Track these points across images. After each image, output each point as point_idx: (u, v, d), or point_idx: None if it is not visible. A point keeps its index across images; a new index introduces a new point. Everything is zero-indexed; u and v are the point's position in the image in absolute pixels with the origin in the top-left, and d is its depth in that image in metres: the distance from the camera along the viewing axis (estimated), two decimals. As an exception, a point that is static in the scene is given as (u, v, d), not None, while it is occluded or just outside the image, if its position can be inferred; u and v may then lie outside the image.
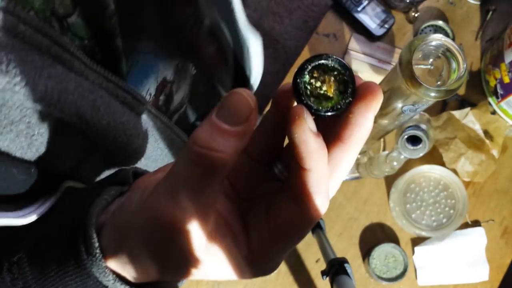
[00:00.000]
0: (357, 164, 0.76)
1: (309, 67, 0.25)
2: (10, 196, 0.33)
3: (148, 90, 0.46)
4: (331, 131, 0.25)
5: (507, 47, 0.76)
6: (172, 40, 0.48)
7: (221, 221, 0.26)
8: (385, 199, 0.83)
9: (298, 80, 0.25)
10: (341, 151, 0.25)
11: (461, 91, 0.86)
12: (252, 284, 0.79)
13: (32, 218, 0.34)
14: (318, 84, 0.25)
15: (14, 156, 0.31)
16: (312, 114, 0.24)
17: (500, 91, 0.80)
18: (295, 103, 0.25)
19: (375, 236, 0.81)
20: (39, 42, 0.27)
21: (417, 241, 0.81)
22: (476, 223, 0.82)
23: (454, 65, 0.46)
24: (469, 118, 0.81)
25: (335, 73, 0.26)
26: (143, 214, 0.24)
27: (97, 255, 0.27)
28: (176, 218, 0.23)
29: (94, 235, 0.27)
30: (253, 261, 0.26)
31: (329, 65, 0.25)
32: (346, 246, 0.81)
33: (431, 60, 0.49)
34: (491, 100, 0.84)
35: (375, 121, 0.58)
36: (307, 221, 0.25)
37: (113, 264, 0.28)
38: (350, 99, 0.25)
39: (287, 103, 0.26)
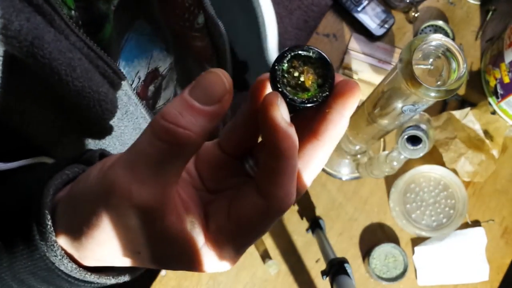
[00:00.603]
0: (357, 164, 0.76)
1: (289, 56, 0.25)
2: None
3: (138, 72, 0.45)
4: (306, 127, 0.24)
5: (507, 47, 0.76)
6: (167, 31, 0.47)
7: (180, 206, 0.24)
8: (385, 199, 0.83)
9: (276, 67, 0.24)
10: (314, 147, 0.24)
11: (461, 91, 0.86)
12: (252, 284, 0.79)
13: (4, 166, 0.33)
14: (296, 74, 0.25)
15: None
16: (287, 103, 0.24)
17: (500, 91, 0.80)
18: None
19: (375, 236, 0.81)
20: None
21: (417, 241, 0.81)
22: (476, 223, 0.82)
23: (454, 65, 0.46)
24: (469, 118, 0.81)
25: (315, 65, 0.25)
26: (98, 187, 0.23)
27: (48, 227, 0.25)
28: (132, 193, 0.21)
29: (47, 207, 0.26)
30: (208, 252, 0.24)
31: (310, 57, 0.25)
32: (346, 246, 0.81)
33: (431, 60, 0.49)
34: (491, 100, 0.84)
35: (375, 121, 0.58)
36: (271, 214, 0.23)
37: (66, 242, 0.26)
38: (327, 93, 0.24)
39: (264, 94, 0.25)
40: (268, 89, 0.25)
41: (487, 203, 0.83)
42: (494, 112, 0.84)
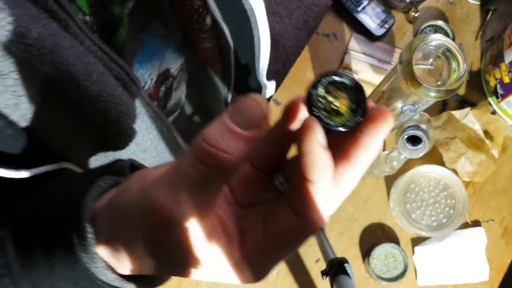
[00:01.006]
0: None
1: (325, 82, 0.26)
2: (4, 156, 0.33)
3: (151, 74, 0.46)
4: (339, 148, 0.25)
5: (507, 47, 0.76)
6: (179, 33, 0.48)
7: (218, 222, 0.25)
8: (385, 199, 0.83)
9: (312, 92, 0.25)
10: (346, 169, 0.25)
11: (461, 91, 0.86)
12: (252, 285, 0.79)
13: (24, 174, 0.34)
14: (331, 99, 0.26)
15: (0, 111, 0.31)
16: (322, 127, 0.25)
17: (500, 91, 0.80)
18: (307, 115, 0.26)
19: (375, 236, 0.81)
20: None
21: (417, 241, 0.81)
22: (476, 223, 0.82)
23: (454, 65, 0.46)
24: (469, 118, 0.81)
25: (349, 91, 0.26)
26: (141, 205, 0.24)
27: (88, 239, 0.26)
28: (174, 213, 0.23)
29: (87, 220, 0.27)
30: (244, 266, 0.26)
31: (344, 83, 0.26)
32: (346, 246, 0.81)
33: (431, 60, 0.49)
34: (491, 100, 0.84)
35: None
36: (305, 232, 0.25)
37: (105, 253, 0.27)
38: (361, 118, 0.25)
39: (297, 115, 0.27)
40: (302, 110, 0.27)
41: (487, 203, 0.83)
42: (494, 112, 0.84)
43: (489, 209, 0.82)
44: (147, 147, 0.46)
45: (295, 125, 0.26)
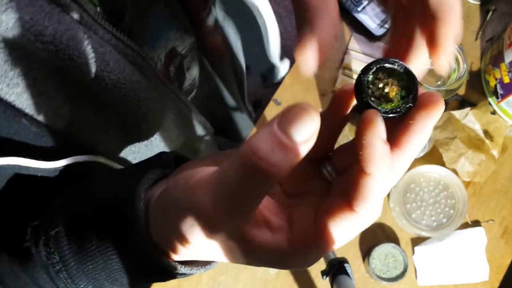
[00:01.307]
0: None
1: (374, 68, 0.26)
2: (34, 150, 0.33)
3: (159, 55, 0.46)
4: (389, 136, 0.25)
5: (507, 47, 0.76)
6: (184, 15, 0.48)
7: (262, 220, 0.26)
8: (385, 199, 0.83)
9: (362, 78, 0.26)
10: (397, 158, 0.25)
11: (461, 91, 0.86)
12: (252, 284, 0.79)
13: (56, 164, 0.34)
14: (381, 85, 0.26)
15: (23, 111, 0.31)
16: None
17: (500, 91, 0.80)
18: (355, 103, 0.26)
19: (375, 236, 0.81)
20: None
21: (417, 241, 0.81)
22: (476, 223, 0.82)
23: (454, 65, 0.46)
24: (469, 118, 0.81)
25: (399, 78, 0.26)
26: (185, 205, 0.24)
27: (143, 230, 0.27)
28: (217, 221, 0.23)
29: (142, 211, 0.27)
30: (291, 256, 0.25)
31: (394, 69, 0.26)
32: (346, 246, 0.81)
33: (431, 60, 0.49)
34: (491, 100, 0.84)
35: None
36: (360, 225, 0.25)
37: (158, 240, 0.27)
38: (411, 104, 0.25)
39: (348, 103, 0.27)
40: (352, 99, 0.27)
41: (487, 203, 0.83)
42: (494, 112, 0.84)
43: (489, 209, 0.82)
44: (167, 126, 0.47)
45: (344, 113, 0.27)
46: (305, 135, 0.21)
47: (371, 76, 0.26)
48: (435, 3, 0.26)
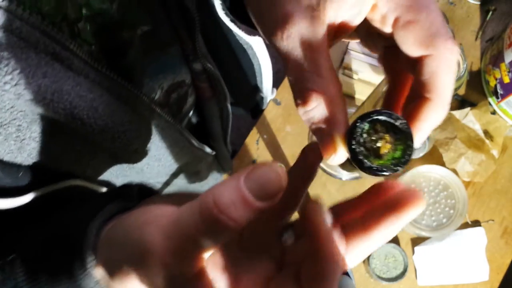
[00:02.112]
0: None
1: (373, 118, 0.25)
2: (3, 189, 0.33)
3: (161, 84, 0.45)
4: (359, 211, 0.26)
5: (507, 47, 0.76)
6: (196, 47, 0.48)
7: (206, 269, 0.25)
8: (385, 199, 0.82)
9: (358, 125, 0.25)
10: (359, 242, 0.25)
11: (461, 91, 0.86)
12: (252, 284, 0.79)
13: (25, 199, 0.34)
14: (375, 138, 0.25)
15: (2, 159, 0.30)
16: (353, 161, 0.25)
17: (500, 91, 0.80)
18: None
19: (375, 236, 0.81)
20: (36, 39, 0.27)
21: (417, 241, 0.81)
22: (476, 223, 0.82)
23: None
24: (469, 118, 0.81)
25: (397, 136, 0.25)
26: (136, 245, 0.24)
27: (90, 267, 0.27)
28: (167, 264, 0.22)
29: (89, 248, 0.27)
30: None
31: (395, 126, 0.25)
32: (346, 246, 0.81)
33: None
34: (491, 100, 0.84)
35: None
36: None
37: (104, 276, 0.27)
38: (399, 167, 0.25)
39: (315, 162, 0.27)
40: (320, 158, 0.27)
41: (487, 203, 0.83)
42: (494, 112, 0.84)
43: (489, 209, 0.82)
44: (161, 155, 0.46)
45: (311, 170, 0.27)
46: (269, 195, 0.21)
47: (367, 125, 0.25)
48: (428, 82, 0.25)
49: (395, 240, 0.81)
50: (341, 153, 0.26)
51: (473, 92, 0.86)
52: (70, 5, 0.30)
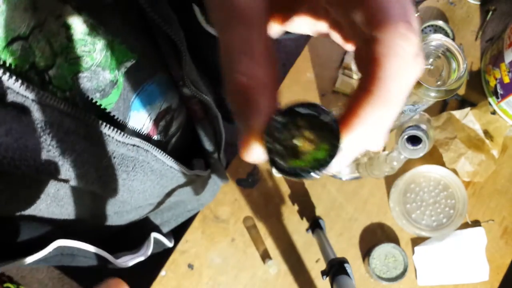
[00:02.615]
0: (357, 164, 0.76)
1: (297, 110, 0.22)
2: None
3: (150, 115, 0.44)
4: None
5: (507, 47, 0.76)
6: (180, 72, 0.46)
7: None
8: (385, 199, 0.82)
9: (275, 118, 0.22)
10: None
11: (461, 91, 0.86)
12: (252, 285, 0.79)
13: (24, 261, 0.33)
14: (295, 133, 0.22)
15: None
16: (268, 153, 0.21)
17: (500, 91, 0.80)
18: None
19: (375, 236, 0.81)
20: (2, 91, 0.25)
21: (417, 241, 0.81)
22: (476, 223, 0.82)
23: (454, 65, 0.46)
24: (469, 118, 0.81)
25: (324, 134, 0.22)
26: None
27: None
28: None
29: None
30: None
31: (325, 123, 0.22)
32: (346, 246, 0.81)
33: (431, 60, 0.49)
34: (491, 100, 0.84)
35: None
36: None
37: None
38: (317, 172, 0.21)
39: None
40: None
41: (487, 203, 0.83)
42: (494, 112, 0.84)
43: (489, 209, 0.82)
44: (146, 187, 0.45)
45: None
46: None
47: (287, 119, 0.22)
48: (370, 71, 0.20)
49: (395, 240, 0.81)
50: (256, 151, 0.22)
51: (473, 92, 0.86)
52: (38, 54, 0.28)
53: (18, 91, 0.25)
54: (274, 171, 0.21)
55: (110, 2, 0.35)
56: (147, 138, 0.46)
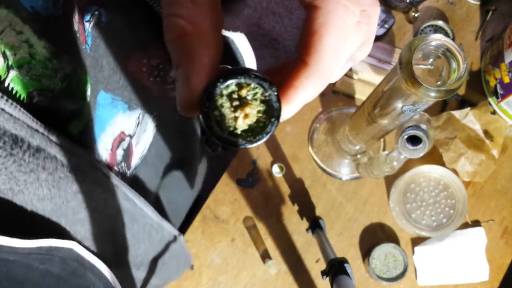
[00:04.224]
0: (357, 164, 0.76)
1: (238, 80, 0.21)
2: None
3: (106, 144, 0.41)
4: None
5: (507, 47, 0.76)
6: (128, 89, 0.43)
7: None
8: (385, 199, 0.82)
9: (218, 84, 0.21)
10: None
11: (461, 91, 0.86)
12: (252, 284, 0.79)
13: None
14: (235, 103, 0.21)
15: None
16: (205, 124, 0.21)
17: (500, 91, 0.80)
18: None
19: (375, 236, 0.81)
20: None
21: (417, 241, 0.81)
22: (476, 223, 0.82)
23: (454, 65, 0.46)
24: (469, 118, 0.81)
25: (264, 104, 0.22)
26: None
27: None
28: None
29: None
30: None
31: (266, 93, 0.21)
32: (346, 246, 0.81)
33: (431, 60, 0.49)
34: (491, 100, 0.84)
35: (375, 121, 0.58)
36: None
37: None
38: (254, 142, 0.21)
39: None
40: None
41: (487, 203, 0.83)
42: (494, 112, 0.84)
43: (489, 209, 0.82)
44: (117, 229, 0.42)
45: None
46: None
47: (229, 87, 0.21)
48: (308, 42, 0.20)
49: (395, 240, 0.81)
50: (194, 110, 0.21)
51: (473, 92, 0.86)
52: None
53: None
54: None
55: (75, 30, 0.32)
56: (109, 168, 0.42)
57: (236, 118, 0.21)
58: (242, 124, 0.21)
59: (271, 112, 0.21)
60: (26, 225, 0.30)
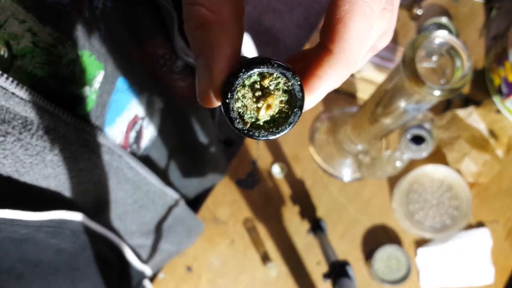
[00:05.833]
0: (359, 164, 0.75)
1: (261, 70, 0.20)
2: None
3: (121, 128, 0.43)
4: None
5: (512, 44, 0.75)
6: (143, 75, 0.45)
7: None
8: (388, 200, 0.81)
9: (242, 73, 0.20)
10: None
11: (465, 90, 0.85)
12: (252, 287, 0.78)
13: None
14: (258, 94, 0.21)
15: None
16: (225, 109, 0.21)
17: (504, 90, 0.79)
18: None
19: (377, 237, 0.80)
20: None
21: (420, 242, 0.80)
22: (480, 224, 0.81)
23: (458, 63, 0.45)
24: (474, 117, 0.80)
25: (288, 95, 0.21)
26: None
27: None
28: None
29: None
30: None
31: (290, 84, 0.21)
32: (348, 248, 0.80)
33: (434, 58, 0.48)
34: (495, 98, 0.83)
35: (377, 120, 0.57)
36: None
37: None
38: (276, 134, 0.21)
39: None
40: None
41: (491, 204, 0.81)
42: (498, 111, 0.82)
43: (493, 210, 0.81)
44: (119, 198, 0.44)
45: None
46: None
47: (251, 78, 0.20)
48: (332, 29, 0.20)
49: (398, 242, 0.80)
50: (214, 101, 0.21)
51: (477, 91, 0.85)
52: None
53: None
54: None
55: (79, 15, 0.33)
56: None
57: (258, 109, 0.21)
58: (264, 115, 0.21)
59: (294, 102, 0.21)
60: (34, 200, 0.31)
